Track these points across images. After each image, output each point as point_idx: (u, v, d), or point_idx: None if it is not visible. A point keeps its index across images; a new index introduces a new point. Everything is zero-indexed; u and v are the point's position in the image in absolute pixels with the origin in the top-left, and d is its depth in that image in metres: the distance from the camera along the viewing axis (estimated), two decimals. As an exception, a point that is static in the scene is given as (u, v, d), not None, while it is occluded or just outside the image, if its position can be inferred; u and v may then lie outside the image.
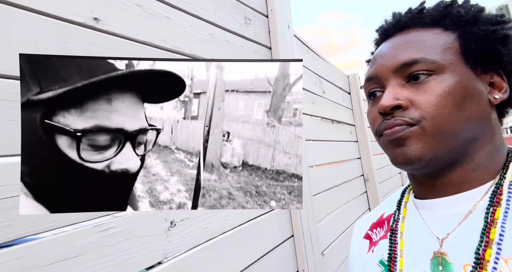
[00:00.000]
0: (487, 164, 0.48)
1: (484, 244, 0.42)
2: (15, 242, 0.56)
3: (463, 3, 0.52)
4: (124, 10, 0.79)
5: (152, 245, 0.77)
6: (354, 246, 0.66)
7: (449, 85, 0.46)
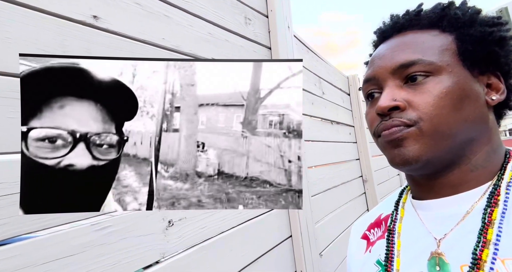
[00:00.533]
0: (485, 165, 0.48)
1: (481, 245, 0.42)
2: (11, 240, 0.56)
3: (460, 5, 0.52)
4: (123, 9, 0.79)
5: (149, 245, 0.76)
6: (352, 246, 0.66)
7: (446, 86, 0.46)
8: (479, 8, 0.51)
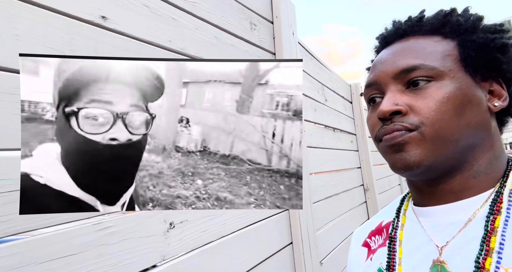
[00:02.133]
0: (487, 172, 0.48)
1: (484, 253, 0.42)
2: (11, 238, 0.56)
3: (463, 12, 0.53)
4: (132, 10, 0.80)
5: (150, 246, 0.76)
6: (353, 254, 0.66)
7: (448, 92, 0.46)
8: (481, 15, 0.51)
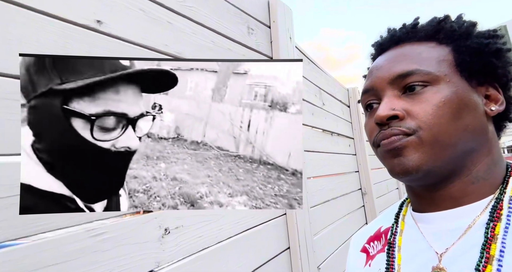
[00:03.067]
0: (486, 178, 0.48)
1: (484, 260, 0.41)
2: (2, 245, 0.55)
3: (456, 18, 0.53)
4: (127, 14, 0.80)
5: (144, 253, 0.75)
6: (351, 260, 0.65)
7: (444, 96, 0.46)
8: (475, 21, 0.52)
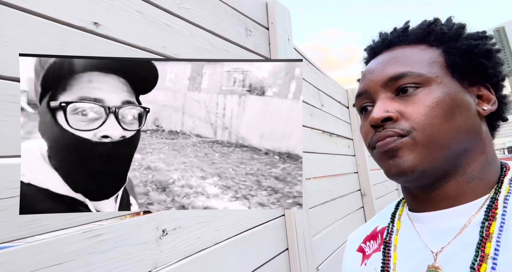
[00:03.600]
0: (481, 177, 0.48)
1: (479, 259, 0.42)
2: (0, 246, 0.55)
3: (446, 21, 0.55)
4: (124, 16, 0.80)
5: (142, 254, 0.75)
6: (347, 259, 0.65)
7: (437, 97, 0.47)
8: (464, 24, 0.53)
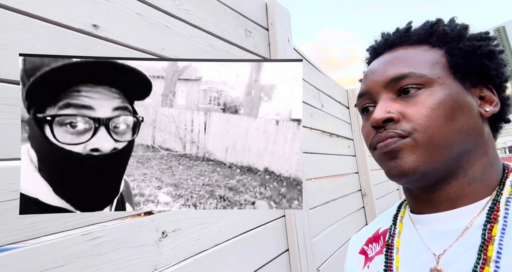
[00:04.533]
0: (482, 179, 0.48)
1: (481, 262, 0.42)
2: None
3: (449, 22, 0.54)
4: (124, 18, 0.80)
5: (141, 256, 0.75)
6: (349, 262, 0.65)
7: (438, 98, 0.47)
8: (467, 24, 0.53)
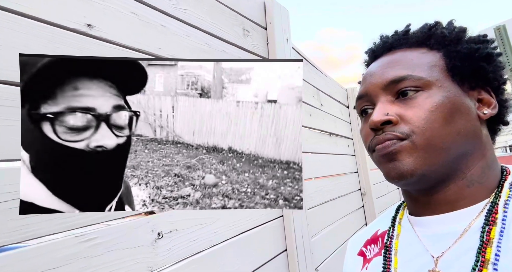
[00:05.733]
0: (480, 181, 0.48)
1: (480, 264, 0.42)
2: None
3: (447, 25, 0.55)
4: (119, 18, 0.79)
5: (137, 257, 0.74)
6: (348, 263, 0.65)
7: (436, 100, 0.47)
8: (465, 27, 0.53)
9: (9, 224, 0.56)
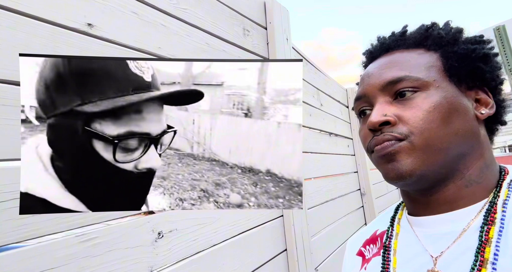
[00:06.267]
0: (479, 181, 0.48)
1: (478, 264, 0.42)
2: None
3: (444, 25, 0.55)
4: (119, 17, 0.79)
5: (137, 257, 0.74)
6: (347, 263, 0.65)
7: (434, 101, 0.47)
8: (461, 28, 0.54)
9: (7, 224, 0.55)
